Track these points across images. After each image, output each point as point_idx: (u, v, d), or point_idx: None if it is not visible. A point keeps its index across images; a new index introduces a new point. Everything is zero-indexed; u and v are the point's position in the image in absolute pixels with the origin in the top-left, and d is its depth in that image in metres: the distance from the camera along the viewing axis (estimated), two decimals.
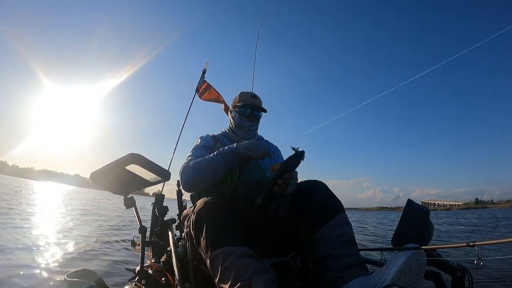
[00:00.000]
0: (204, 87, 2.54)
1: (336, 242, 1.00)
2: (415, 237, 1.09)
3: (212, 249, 0.93)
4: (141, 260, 1.14)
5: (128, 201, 1.11)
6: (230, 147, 1.27)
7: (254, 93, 1.55)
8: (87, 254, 3.27)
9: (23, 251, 3.07)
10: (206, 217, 0.98)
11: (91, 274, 1.11)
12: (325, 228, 1.03)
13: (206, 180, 1.27)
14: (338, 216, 1.06)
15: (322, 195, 1.12)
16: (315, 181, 1.17)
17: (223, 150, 1.27)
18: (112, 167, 0.94)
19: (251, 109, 1.48)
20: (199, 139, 1.52)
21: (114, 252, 3.55)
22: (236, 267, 0.87)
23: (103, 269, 2.63)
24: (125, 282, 1.21)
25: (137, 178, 1.04)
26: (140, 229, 1.15)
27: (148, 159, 0.97)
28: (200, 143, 1.48)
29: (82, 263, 2.86)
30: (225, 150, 1.27)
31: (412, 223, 1.18)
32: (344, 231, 1.03)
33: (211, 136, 1.54)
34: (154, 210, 1.66)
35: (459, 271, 1.04)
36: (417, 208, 1.23)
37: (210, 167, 1.25)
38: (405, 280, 0.88)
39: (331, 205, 1.09)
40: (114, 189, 1.09)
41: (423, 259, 0.93)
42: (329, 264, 0.98)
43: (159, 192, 1.81)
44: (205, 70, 2.58)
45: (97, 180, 1.00)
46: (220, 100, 2.52)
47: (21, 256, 2.83)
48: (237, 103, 1.52)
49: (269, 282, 0.83)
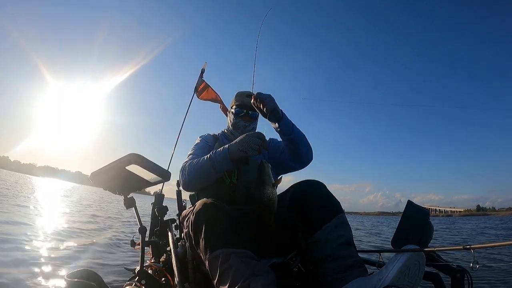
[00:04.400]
0: (202, 87, 2.55)
1: (335, 244, 1.00)
2: (415, 238, 1.09)
3: (211, 250, 0.93)
4: (141, 260, 1.14)
5: (128, 201, 1.11)
6: (222, 151, 1.21)
7: (250, 92, 1.53)
8: (87, 254, 3.27)
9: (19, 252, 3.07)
10: (205, 218, 0.98)
11: (91, 274, 1.11)
12: (324, 229, 1.03)
13: (202, 182, 1.27)
14: (337, 217, 1.06)
15: (321, 196, 1.12)
16: (314, 181, 1.17)
17: (216, 155, 1.21)
18: (112, 167, 0.95)
19: (246, 109, 1.46)
20: (200, 138, 1.52)
21: (114, 252, 3.55)
22: (235, 268, 0.87)
23: (103, 269, 2.63)
24: (125, 282, 1.21)
25: (137, 178, 1.05)
26: (140, 229, 1.15)
27: (148, 159, 0.97)
28: (201, 143, 1.48)
29: (82, 263, 2.86)
30: (218, 154, 1.21)
31: (412, 224, 1.17)
32: (342, 232, 1.03)
33: (212, 135, 1.55)
34: (154, 210, 1.67)
35: (459, 272, 1.04)
36: (417, 209, 1.22)
37: (204, 171, 1.23)
38: (405, 281, 0.88)
39: (329, 206, 1.09)
40: (114, 189, 1.09)
41: (422, 261, 0.93)
42: (328, 265, 0.98)
43: (159, 192, 1.82)
44: (203, 70, 2.59)
45: (97, 180, 1.01)
46: (218, 100, 2.53)
47: (21, 256, 2.83)
48: (234, 104, 1.51)
49: (268, 282, 0.83)
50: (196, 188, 1.32)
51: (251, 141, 1.15)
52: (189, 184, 1.29)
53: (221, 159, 1.19)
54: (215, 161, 1.20)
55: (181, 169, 1.32)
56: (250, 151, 1.15)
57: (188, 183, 1.29)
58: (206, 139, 1.50)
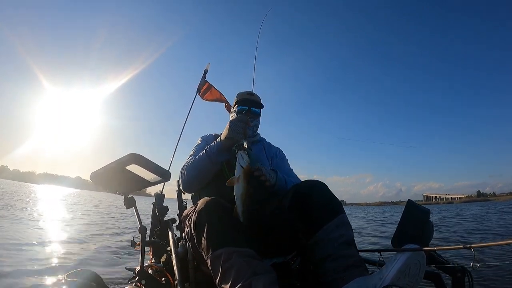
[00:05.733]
0: (206, 87, 2.54)
1: (336, 243, 1.00)
2: (415, 237, 1.09)
3: (213, 249, 0.93)
4: (141, 260, 1.14)
5: (128, 201, 1.11)
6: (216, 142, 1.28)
7: (251, 91, 1.56)
8: (87, 254, 3.27)
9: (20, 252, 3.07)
10: (207, 217, 0.98)
11: (91, 274, 1.11)
12: (325, 229, 1.03)
13: (201, 178, 1.30)
14: (338, 217, 1.06)
15: (322, 196, 1.11)
16: (315, 181, 1.17)
17: (210, 148, 1.28)
18: (113, 167, 0.95)
19: (248, 106, 1.48)
20: (200, 138, 1.53)
21: (114, 252, 3.55)
22: (237, 267, 0.87)
23: (103, 269, 2.63)
24: (125, 282, 1.21)
25: (137, 178, 1.04)
26: (140, 229, 1.15)
27: (148, 159, 0.97)
28: (201, 143, 1.49)
29: (82, 263, 2.86)
30: (212, 147, 1.28)
31: (412, 223, 1.17)
32: (343, 232, 1.03)
33: (213, 136, 1.56)
34: (154, 210, 1.67)
35: (459, 271, 1.04)
36: (417, 208, 1.22)
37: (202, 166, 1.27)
38: (405, 280, 0.88)
39: (330, 206, 1.09)
40: (115, 189, 1.09)
41: (423, 260, 0.92)
42: (329, 265, 0.98)
43: (159, 192, 1.82)
44: (206, 71, 2.58)
45: (97, 180, 1.01)
46: (223, 100, 2.52)
47: (21, 256, 2.84)
48: (235, 103, 1.53)
49: (269, 282, 0.83)
50: (196, 186, 1.33)
51: (235, 125, 1.21)
52: (188, 182, 1.31)
53: (215, 150, 1.26)
54: (210, 154, 1.27)
55: (180, 170, 1.34)
56: (236, 135, 1.20)
57: (187, 182, 1.31)
58: (206, 139, 1.51)
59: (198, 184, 1.32)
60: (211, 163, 1.27)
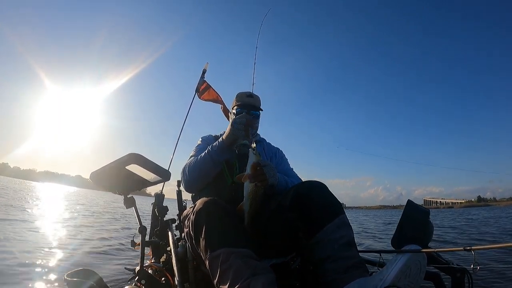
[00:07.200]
0: (204, 87, 2.54)
1: (336, 244, 1.00)
2: (415, 238, 1.08)
3: (211, 249, 0.92)
4: (141, 260, 1.13)
5: (128, 201, 1.11)
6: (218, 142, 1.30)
7: (251, 92, 1.54)
8: (87, 254, 3.27)
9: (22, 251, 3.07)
10: (205, 217, 0.98)
11: (91, 274, 1.10)
12: (325, 230, 1.03)
13: (202, 178, 1.31)
14: (338, 218, 1.05)
15: (322, 197, 1.11)
16: (315, 182, 1.17)
17: (212, 147, 1.30)
18: (112, 167, 0.94)
19: (247, 108, 1.47)
20: (201, 139, 1.53)
21: (114, 252, 3.55)
22: (235, 267, 0.86)
23: (103, 269, 2.63)
24: (125, 282, 1.21)
25: (137, 178, 1.04)
26: (140, 229, 1.15)
27: (148, 159, 0.97)
28: (202, 144, 1.49)
29: (82, 263, 2.85)
30: (214, 147, 1.29)
31: (412, 224, 1.17)
32: (343, 233, 1.03)
33: (213, 136, 1.55)
34: (154, 210, 1.67)
35: (459, 271, 1.04)
36: (417, 208, 1.22)
37: (204, 166, 1.28)
38: (405, 281, 0.87)
39: (331, 207, 1.08)
40: (114, 189, 1.09)
41: (423, 261, 0.92)
42: (329, 266, 0.97)
43: (159, 192, 1.82)
44: (205, 70, 2.58)
45: (97, 180, 1.01)
46: (219, 101, 2.52)
47: (21, 255, 2.83)
48: (235, 104, 1.52)
49: (268, 282, 0.83)
50: (197, 186, 1.34)
51: (236, 123, 1.23)
52: (190, 182, 1.31)
53: (217, 149, 1.27)
54: (212, 153, 1.28)
55: (182, 171, 1.34)
56: (238, 133, 1.23)
57: (189, 182, 1.31)
58: (207, 140, 1.51)
59: (200, 184, 1.33)
60: (213, 162, 1.28)
